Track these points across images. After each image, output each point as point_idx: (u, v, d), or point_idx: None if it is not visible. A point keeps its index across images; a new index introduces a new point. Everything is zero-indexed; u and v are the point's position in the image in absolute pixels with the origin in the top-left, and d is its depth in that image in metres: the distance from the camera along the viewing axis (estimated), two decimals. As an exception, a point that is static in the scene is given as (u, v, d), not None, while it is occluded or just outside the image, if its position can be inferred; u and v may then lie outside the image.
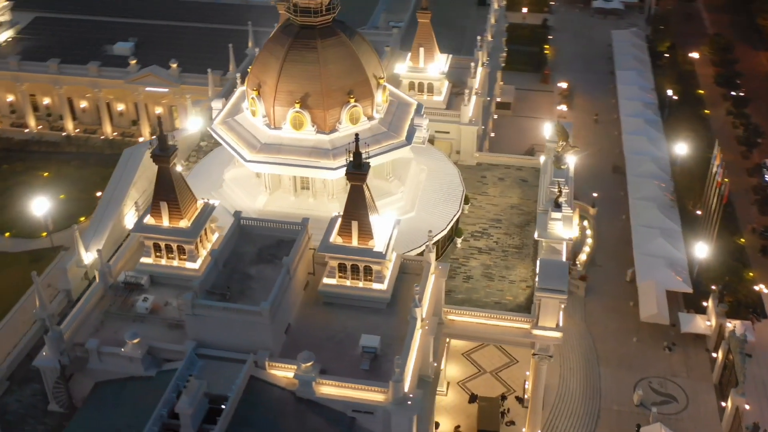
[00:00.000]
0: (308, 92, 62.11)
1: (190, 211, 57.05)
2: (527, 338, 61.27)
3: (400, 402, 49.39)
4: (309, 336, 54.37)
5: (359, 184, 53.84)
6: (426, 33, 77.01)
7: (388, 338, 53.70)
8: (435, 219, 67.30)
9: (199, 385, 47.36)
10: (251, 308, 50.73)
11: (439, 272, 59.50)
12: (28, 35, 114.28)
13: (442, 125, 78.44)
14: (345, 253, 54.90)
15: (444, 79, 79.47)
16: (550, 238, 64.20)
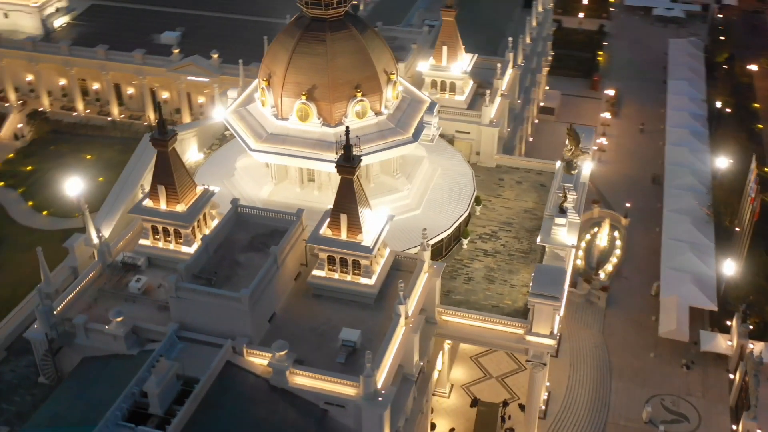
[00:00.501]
0: (315, 84, 62.31)
1: (188, 196, 57.82)
2: (520, 344, 60.10)
3: (371, 397, 49.06)
4: (293, 326, 54.53)
5: (349, 178, 53.68)
6: (450, 31, 76.29)
7: (371, 333, 53.44)
8: (440, 218, 66.66)
9: (170, 366, 47.94)
10: (231, 294, 51.12)
11: (433, 271, 58.92)
12: (82, 22, 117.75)
13: (463, 125, 77.63)
14: (333, 246, 54.86)
15: (467, 79, 78.59)
16: (553, 243, 62.91)
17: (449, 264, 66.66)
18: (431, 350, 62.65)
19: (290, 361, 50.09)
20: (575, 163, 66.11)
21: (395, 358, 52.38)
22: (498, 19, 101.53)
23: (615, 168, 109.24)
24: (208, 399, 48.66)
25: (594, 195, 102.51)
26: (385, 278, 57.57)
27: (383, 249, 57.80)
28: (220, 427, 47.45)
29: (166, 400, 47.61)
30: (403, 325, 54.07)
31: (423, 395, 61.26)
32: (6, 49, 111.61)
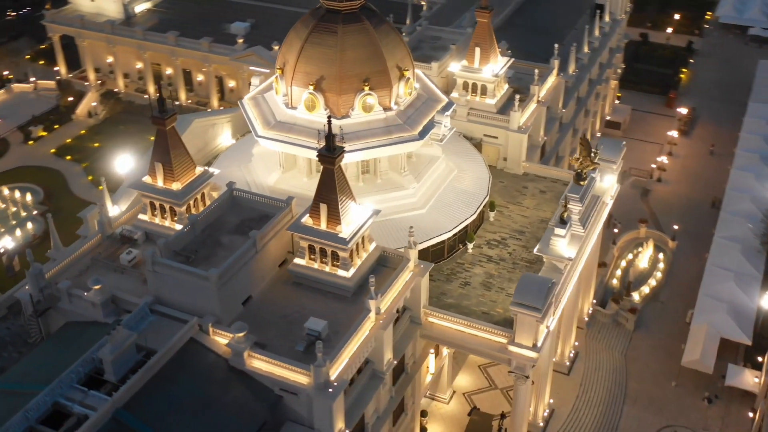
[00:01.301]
0: (324, 75, 62.44)
1: (185, 176, 59.04)
2: (503, 354, 58.27)
3: (321, 387, 48.70)
4: (266, 311, 54.80)
5: (330, 168, 53.49)
6: (484, 33, 74.84)
7: (340, 326, 53.04)
8: (444, 220, 65.51)
9: (128, 336, 49.05)
10: (201, 273, 51.86)
11: (419, 270, 57.94)
12: (161, 8, 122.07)
13: (491, 129, 76.00)
14: (311, 235, 54.82)
15: (500, 82, 76.86)
16: (551, 254, 60.75)
17: (449, 267, 65.42)
18: (417, 351, 61.60)
19: (249, 344, 50.33)
20: (585, 174, 63.51)
21: (357, 352, 51.70)
22: (559, 27, 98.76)
23: (675, 188, 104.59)
24: (164, 372, 49.48)
25: (644, 214, 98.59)
26: (369, 273, 56.96)
27: (367, 243, 57.27)
28: (170, 401, 48.15)
29: (121, 368, 48.72)
30: (373, 321, 53.38)
31: (401, 394, 60.27)
32: (87, 30, 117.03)
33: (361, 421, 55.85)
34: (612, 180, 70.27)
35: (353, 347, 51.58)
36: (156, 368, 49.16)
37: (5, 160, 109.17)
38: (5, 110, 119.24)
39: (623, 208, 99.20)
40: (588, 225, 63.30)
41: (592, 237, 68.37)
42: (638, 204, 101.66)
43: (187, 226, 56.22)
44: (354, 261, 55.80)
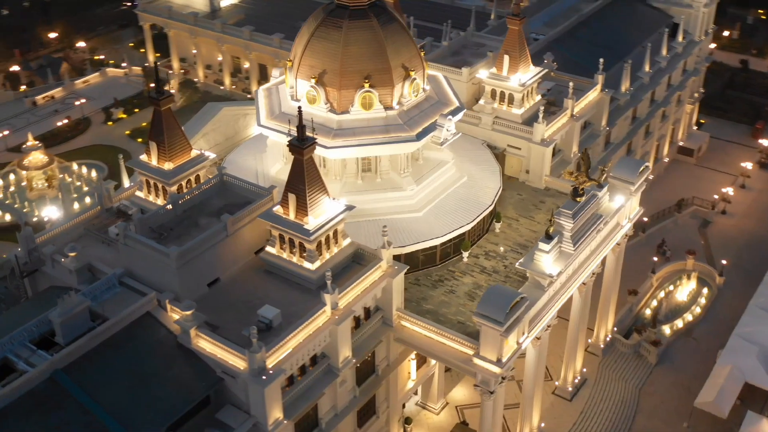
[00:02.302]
0: (326, 69, 62.43)
1: (178, 157, 60.32)
2: (468, 366, 56.19)
3: (255, 373, 48.50)
4: (230, 295, 55.16)
5: (299, 158, 53.31)
6: (514, 41, 72.63)
7: (296, 316, 52.56)
8: (439, 225, 63.98)
9: (79, 301, 50.54)
10: (163, 249, 52.80)
11: (392, 271, 56.81)
12: (245, 4, 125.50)
13: (515, 140, 73.65)
14: (279, 224, 54.81)
15: (529, 92, 74.35)
16: (532, 269, 58.13)
17: (439, 273, 63.83)
18: (391, 354, 60.33)
19: (196, 323, 50.76)
20: (581, 190, 60.38)
21: (304, 343, 51.16)
22: (624, 43, 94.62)
23: (739, 222, 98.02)
24: (112, 341, 50.65)
25: (699, 245, 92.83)
26: (341, 268, 56.43)
27: (341, 238, 56.65)
28: (111, 369, 49.19)
29: (71, 332, 50.21)
30: (328, 315, 52.73)
31: (368, 395, 59.28)
32: (173, 21, 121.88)
33: (314, 416, 55.25)
34: (626, 200, 66.43)
35: (299, 338, 51.07)
36: (104, 336, 50.35)
37: (84, 138, 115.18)
38: (96, 92, 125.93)
39: (678, 237, 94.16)
40: (581, 244, 60.10)
41: (596, 257, 64.87)
42: (694, 235, 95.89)
43: (167, 205, 57.33)
44: (322, 254, 55.31)
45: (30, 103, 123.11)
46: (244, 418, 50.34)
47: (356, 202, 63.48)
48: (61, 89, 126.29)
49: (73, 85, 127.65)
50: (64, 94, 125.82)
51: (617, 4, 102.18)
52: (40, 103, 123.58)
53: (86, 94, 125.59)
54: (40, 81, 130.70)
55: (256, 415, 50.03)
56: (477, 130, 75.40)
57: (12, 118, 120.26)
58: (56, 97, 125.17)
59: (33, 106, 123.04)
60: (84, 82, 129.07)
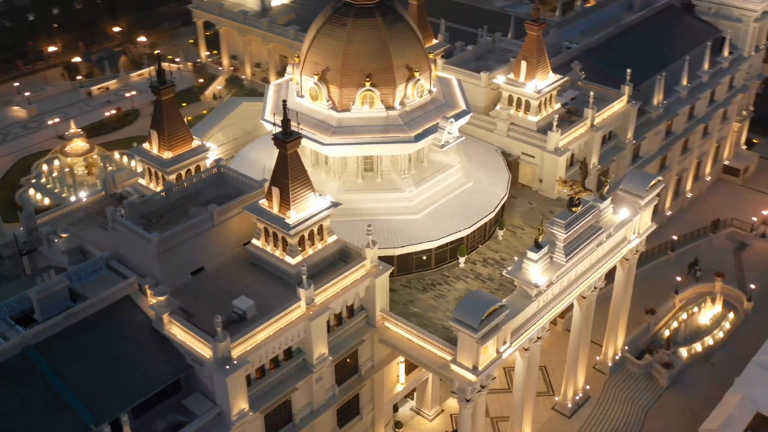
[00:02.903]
0: (329, 67, 62.30)
1: (178, 146, 61.05)
2: (445, 372, 54.99)
3: (220, 362, 48.53)
4: (212, 284, 55.42)
5: (283, 152, 53.22)
6: (532, 47, 70.99)
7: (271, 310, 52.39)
8: (434, 229, 62.99)
9: (58, 281, 51.59)
10: (145, 235, 53.45)
11: (376, 271, 56.15)
12: (296, 4, 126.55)
13: (529, 148, 71.98)
14: (263, 217, 54.83)
15: (547, 100, 72.55)
16: (518, 278, 56.54)
17: (432, 277, 62.83)
18: (376, 355, 59.55)
19: (169, 308, 51.11)
20: (577, 200, 58.40)
21: (274, 336, 50.96)
22: (663, 56, 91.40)
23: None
24: (88, 321, 51.51)
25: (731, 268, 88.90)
26: (325, 265, 56.09)
27: (326, 235, 56.28)
28: (83, 349, 50.00)
29: (49, 310, 51.19)
30: (303, 310, 52.39)
31: (349, 395, 58.72)
32: (224, 18, 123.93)
33: (287, 411, 54.96)
34: (633, 214, 64.01)
35: (269, 331, 50.90)
36: (80, 316, 51.25)
37: (130, 128, 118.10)
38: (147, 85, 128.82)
39: (712, 258, 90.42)
40: (575, 256, 58.15)
41: (597, 271, 62.68)
42: (729, 257, 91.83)
43: (161, 192, 58.08)
44: (305, 249, 55.04)
45: (85, 93, 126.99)
46: (210, 406, 50.45)
47: (355, 202, 63.47)
48: (116, 81, 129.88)
49: (128, 78, 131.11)
50: (119, 86, 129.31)
51: (662, 16, 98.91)
52: (95, 94, 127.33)
53: (139, 87, 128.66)
54: (98, 72, 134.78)
55: (221, 404, 50.05)
56: (493, 136, 74.04)
57: (66, 106, 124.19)
58: (110, 89, 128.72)
59: (88, 96, 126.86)
60: (139, 75, 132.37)
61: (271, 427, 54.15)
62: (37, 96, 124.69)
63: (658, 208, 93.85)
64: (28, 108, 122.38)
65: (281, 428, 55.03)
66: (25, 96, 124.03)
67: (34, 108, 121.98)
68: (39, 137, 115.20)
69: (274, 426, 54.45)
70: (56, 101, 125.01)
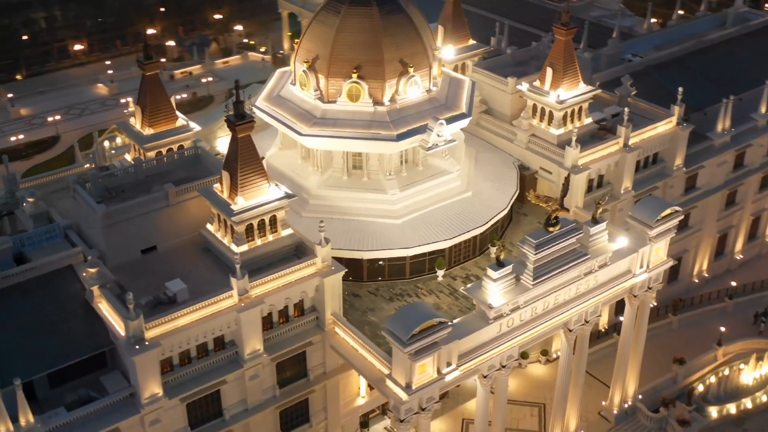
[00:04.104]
0: (319, 55, 62.33)
1: (160, 124, 63.03)
2: (381, 387, 53.44)
3: (132, 342, 49.40)
4: (159, 264, 56.59)
5: (234, 135, 53.60)
6: (560, 52, 67.86)
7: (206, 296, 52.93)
8: (412, 237, 61.51)
9: (1, 242, 54.26)
10: (93, 206, 55.34)
11: (327, 270, 55.46)
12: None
13: (548, 163, 68.97)
14: (211, 201, 55.34)
15: (574, 113, 69.08)
16: (476, 297, 54.17)
17: (403, 287, 61.44)
18: (328, 361, 58.69)
19: (99, 282, 52.52)
20: (554, 219, 55.18)
21: (197, 323, 51.29)
22: (743, 79, 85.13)
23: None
24: (25, 285, 53.86)
25: None
26: (278, 258, 56.02)
27: (280, 227, 56.15)
28: (12, 313, 52.28)
29: (-7, 265, 54.03)
30: (235, 300, 52.43)
31: (292, 398, 58.17)
32: (306, 10, 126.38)
33: (216, 404, 55.11)
34: (640, 245, 59.98)
35: (192, 317, 51.30)
36: (18, 279, 53.64)
37: (199, 113, 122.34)
38: (231, 73, 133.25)
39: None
40: (546, 280, 55.04)
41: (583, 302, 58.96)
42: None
43: (129, 168, 59.99)
44: (253, 239, 55.13)
45: (168, 77, 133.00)
46: (123, 386, 51.38)
47: (336, 199, 63.21)
48: (200, 66, 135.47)
49: (212, 65, 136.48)
50: (202, 72, 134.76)
51: (756, 36, 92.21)
52: (177, 77, 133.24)
53: (221, 74, 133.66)
54: (188, 57, 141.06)
55: (134, 384, 50.87)
56: (512, 147, 71.52)
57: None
58: (193, 74, 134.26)
59: (170, 79, 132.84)
60: (224, 63, 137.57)
61: (196, 419, 54.45)
62: (121, 75, 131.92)
63: (725, 250, 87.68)
64: (109, 86, 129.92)
65: (208, 422, 55.16)
66: (108, 74, 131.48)
67: (115, 87, 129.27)
68: (113, 114, 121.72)
69: (200, 419, 54.71)
70: (137, 82, 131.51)
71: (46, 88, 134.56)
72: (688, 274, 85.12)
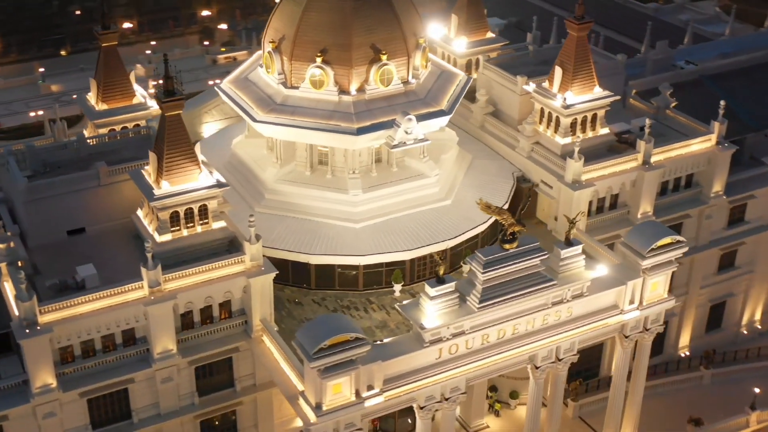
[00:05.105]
0: (284, 36, 63.40)
1: (114, 99, 65.67)
2: (294, 405, 53.62)
3: (23, 324, 51.33)
4: (84, 247, 58.76)
5: (163, 114, 55.12)
6: (572, 50, 66.28)
7: (118, 284, 54.65)
8: (368, 244, 61.50)
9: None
10: (16, 178, 58.01)
11: (256, 270, 56.15)
12: None
13: (549, 176, 67.64)
14: (138, 183, 56.94)
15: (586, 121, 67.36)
16: (409, 315, 53.72)
17: (353, 300, 61.80)
18: (258, 372, 59.28)
19: (7, 259, 54.82)
20: (509, 236, 54.00)
21: (98, 312, 52.94)
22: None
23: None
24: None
25: None
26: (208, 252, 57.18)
27: (211, 219, 57.22)
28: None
29: None
30: (145, 293, 53.75)
31: (214, 408, 59.06)
32: None
33: (124, 405, 56.56)
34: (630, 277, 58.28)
35: (95, 305, 52.90)
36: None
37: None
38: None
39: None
40: (498, 304, 53.91)
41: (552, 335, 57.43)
42: None
43: (71, 143, 62.64)
44: (179, 229, 56.40)
45: (210, 61, 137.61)
46: (17, 372, 53.45)
47: (295, 195, 64.30)
48: (246, 53, 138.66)
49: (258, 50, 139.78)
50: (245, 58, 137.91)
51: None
52: (220, 62, 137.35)
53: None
54: (238, 42, 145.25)
55: (26, 368, 52.78)
56: (514, 155, 70.52)
57: (188, 70, 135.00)
58: (237, 59, 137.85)
59: (212, 64, 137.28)
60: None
61: (100, 418, 56.04)
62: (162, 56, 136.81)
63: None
64: (147, 67, 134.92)
65: (114, 423, 56.63)
66: (147, 54, 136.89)
67: (152, 67, 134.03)
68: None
69: (104, 418, 56.28)
70: (179, 64, 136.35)
71: (87, 66, 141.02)
72: (735, 323, 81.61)
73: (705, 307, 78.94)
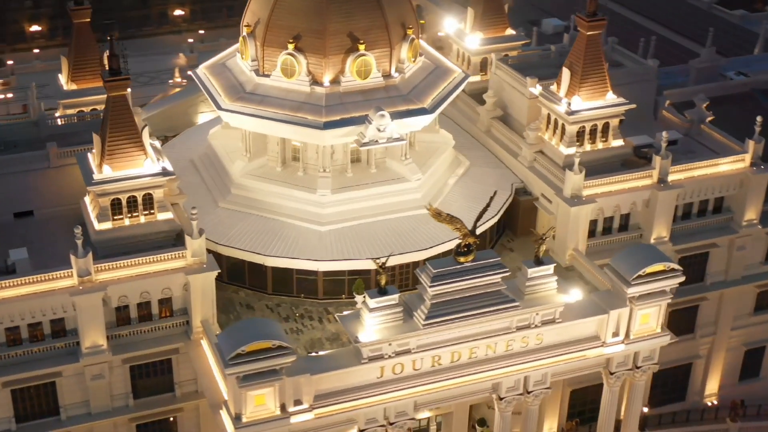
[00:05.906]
0: (260, 20, 64.63)
1: (85, 79, 68.67)
2: (215, 414, 54.42)
3: (-59, 307, 54.00)
4: (28, 231, 61.03)
5: (108, 95, 56.85)
6: (581, 50, 65.24)
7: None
8: (331, 249, 62.15)
9: None
10: (-37, 155, 60.95)
11: (197, 267, 57.24)
12: None
13: (548, 189, 66.80)
14: (81, 168, 58.76)
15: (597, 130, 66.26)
16: (347, 327, 53.93)
17: (311, 309, 62.88)
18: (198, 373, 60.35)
19: (-57, 237, 57.62)
20: (464, 248, 53.51)
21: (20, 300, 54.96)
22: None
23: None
24: None
25: None
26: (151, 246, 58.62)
27: (157, 209, 58.62)
28: None
29: None
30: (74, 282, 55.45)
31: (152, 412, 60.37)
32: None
33: (51, 400, 58.33)
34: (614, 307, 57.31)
35: (16, 292, 54.90)
36: None
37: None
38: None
39: None
40: (448, 322, 53.54)
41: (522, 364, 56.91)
42: None
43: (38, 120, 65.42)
44: (122, 218, 57.96)
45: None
46: (-61, 355, 56.04)
47: (262, 192, 65.69)
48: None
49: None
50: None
51: None
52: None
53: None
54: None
55: (-54, 357, 55.29)
56: (516, 164, 70.03)
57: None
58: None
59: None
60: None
61: (25, 411, 57.88)
62: (206, 47, 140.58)
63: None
64: (188, 56, 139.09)
65: (40, 418, 58.40)
66: (189, 43, 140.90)
67: (194, 57, 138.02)
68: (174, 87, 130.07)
69: (30, 412, 58.12)
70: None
71: (133, 53, 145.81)
72: (775, 371, 78.54)
73: (738, 352, 76.28)
